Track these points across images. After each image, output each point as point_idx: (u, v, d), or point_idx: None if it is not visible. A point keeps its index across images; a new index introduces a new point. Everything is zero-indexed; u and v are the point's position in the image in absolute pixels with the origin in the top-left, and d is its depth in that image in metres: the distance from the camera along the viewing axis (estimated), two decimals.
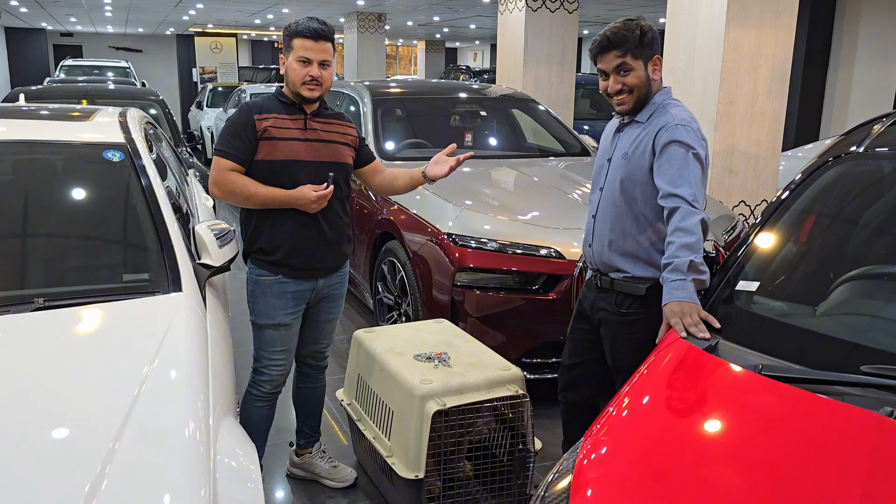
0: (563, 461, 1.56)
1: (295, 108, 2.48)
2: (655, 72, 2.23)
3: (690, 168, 2.11)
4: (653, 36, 2.21)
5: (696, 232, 2.03)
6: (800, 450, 1.40)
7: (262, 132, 2.41)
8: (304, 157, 2.45)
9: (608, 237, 2.31)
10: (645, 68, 2.21)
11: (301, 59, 2.39)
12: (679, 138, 2.14)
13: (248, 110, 2.44)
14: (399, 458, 2.48)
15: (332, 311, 2.71)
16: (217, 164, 2.42)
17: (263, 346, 2.58)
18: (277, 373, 2.60)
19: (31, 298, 2.01)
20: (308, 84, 2.40)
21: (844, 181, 2.13)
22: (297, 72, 2.40)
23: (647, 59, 2.20)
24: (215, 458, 1.57)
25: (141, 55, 23.71)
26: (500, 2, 8.19)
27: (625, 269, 2.29)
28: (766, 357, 1.65)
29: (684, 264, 1.97)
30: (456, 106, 5.40)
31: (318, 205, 2.41)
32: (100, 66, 16.31)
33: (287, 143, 2.43)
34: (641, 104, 2.26)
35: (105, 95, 7.08)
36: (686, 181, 2.09)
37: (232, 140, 2.41)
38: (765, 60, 4.77)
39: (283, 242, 2.47)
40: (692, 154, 2.13)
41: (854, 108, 10.42)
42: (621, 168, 2.28)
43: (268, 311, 2.53)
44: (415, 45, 28.06)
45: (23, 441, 1.50)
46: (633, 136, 2.27)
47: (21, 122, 2.93)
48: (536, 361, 3.49)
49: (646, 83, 2.22)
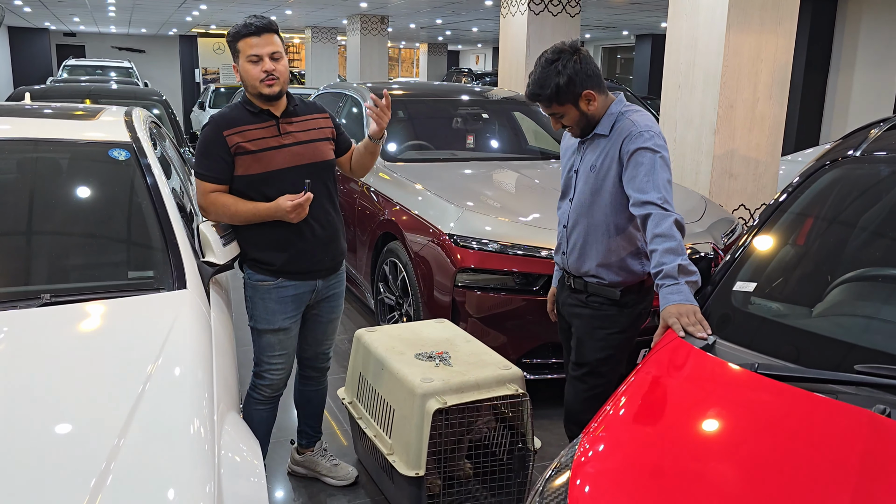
0: (562, 457, 1.59)
1: (264, 114, 2.41)
2: (590, 104, 2.22)
3: (658, 172, 2.13)
4: (571, 77, 2.16)
5: (674, 235, 2.05)
6: (795, 446, 1.43)
7: (235, 148, 2.36)
8: (283, 165, 2.40)
9: (581, 247, 2.35)
10: (576, 107, 2.22)
11: (251, 59, 2.33)
12: (644, 144, 2.16)
13: (216, 126, 2.38)
14: (400, 456, 2.51)
15: (334, 311, 2.71)
16: (198, 187, 2.41)
17: (263, 351, 2.57)
18: (278, 377, 2.60)
19: (38, 294, 2.04)
20: (265, 80, 2.33)
21: (841, 184, 2.16)
22: (251, 72, 2.34)
23: (574, 100, 2.20)
24: (219, 454, 1.60)
25: (143, 55, 23.74)
26: (503, 5, 8.23)
27: (599, 275, 2.33)
28: (762, 356, 1.68)
29: (674, 269, 1.99)
30: (458, 108, 5.43)
31: (297, 214, 2.36)
32: (103, 66, 16.34)
33: (263, 154, 2.38)
34: (590, 126, 2.28)
35: (109, 95, 7.09)
36: (654, 186, 2.11)
37: (206, 161, 2.38)
38: (765, 65, 4.80)
39: (279, 250, 2.45)
40: (658, 157, 2.15)
41: (854, 112, 10.45)
42: (591, 180, 2.30)
43: (267, 316, 2.51)
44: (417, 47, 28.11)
45: (28, 436, 1.52)
46: (598, 148, 2.28)
47: (28, 120, 2.96)
48: (536, 362, 3.51)
49: (582, 118, 2.25)
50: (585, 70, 2.19)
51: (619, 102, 2.29)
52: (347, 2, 13.02)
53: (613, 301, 2.32)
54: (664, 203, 2.09)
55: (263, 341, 2.56)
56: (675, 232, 2.06)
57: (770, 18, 4.72)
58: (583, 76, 2.18)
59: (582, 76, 2.18)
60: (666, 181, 2.14)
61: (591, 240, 2.32)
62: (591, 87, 2.20)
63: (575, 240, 2.37)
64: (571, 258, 2.40)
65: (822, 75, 10.76)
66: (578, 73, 2.18)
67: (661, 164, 2.15)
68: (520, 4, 7.82)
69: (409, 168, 4.49)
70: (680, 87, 5.05)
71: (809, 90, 10.68)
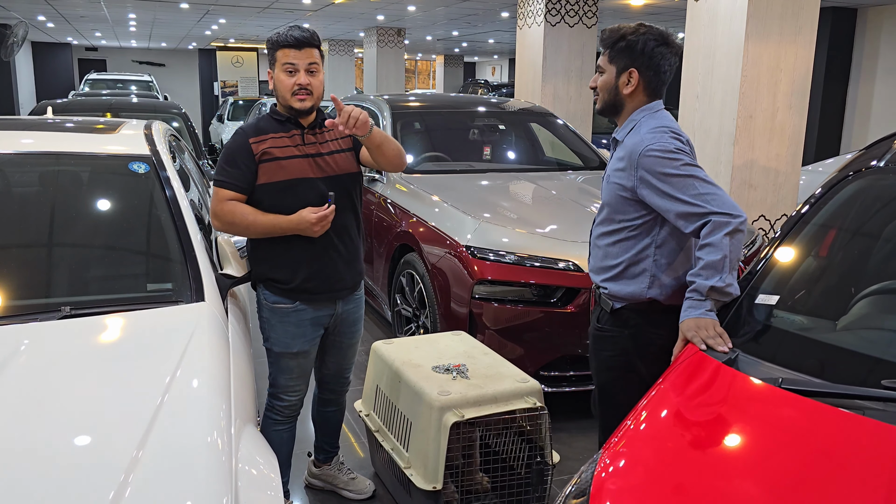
0: (582, 473, 1.57)
1: (290, 123, 2.37)
2: (627, 86, 2.10)
3: (689, 182, 1.97)
4: (630, 46, 2.06)
5: (721, 247, 1.90)
6: (820, 464, 1.39)
7: (261, 155, 2.31)
8: (307, 175, 2.35)
9: (595, 254, 2.25)
10: (616, 76, 2.11)
11: (287, 69, 2.29)
12: (660, 169, 1.99)
13: (244, 134, 2.35)
14: (417, 469, 2.49)
15: (354, 336, 2.66)
16: (215, 194, 2.33)
17: (280, 374, 2.52)
18: (295, 398, 2.57)
19: (59, 307, 2.05)
20: (298, 94, 2.29)
21: (865, 195, 2.13)
22: (285, 82, 2.29)
23: (619, 67, 2.10)
24: (237, 467, 1.59)
25: (163, 69, 24.02)
26: (520, 17, 8.24)
27: (605, 286, 2.19)
28: (785, 371, 1.65)
29: (705, 287, 1.91)
30: (475, 119, 5.43)
31: (321, 227, 2.29)
32: (123, 79, 16.54)
33: (289, 161, 2.33)
34: (613, 110, 2.17)
35: (129, 108, 7.18)
36: (694, 196, 1.96)
37: (228, 168, 2.32)
38: (784, 75, 4.76)
39: (299, 268, 2.38)
40: (681, 166, 1.99)
41: (875, 122, 10.34)
42: (606, 189, 2.19)
43: (285, 339, 2.46)
44: (433, 59, 28.23)
45: (48, 449, 1.52)
46: (616, 157, 2.17)
47: (49, 134, 3.00)
48: (554, 374, 3.49)
49: (611, 90, 2.13)
50: (652, 56, 2.07)
51: (646, 109, 2.13)
52: (364, 14, 13.11)
53: (613, 318, 2.17)
54: (717, 207, 1.94)
55: (281, 364, 2.51)
56: (724, 244, 1.90)
57: (789, 28, 4.69)
58: (641, 57, 2.07)
59: (642, 57, 2.07)
60: (702, 182, 1.98)
61: (604, 247, 2.21)
62: (642, 70, 2.09)
63: (594, 246, 2.28)
64: (590, 265, 2.30)
65: (842, 85, 10.67)
66: (642, 51, 2.07)
67: (685, 170, 1.99)
68: (536, 16, 7.83)
69: (425, 179, 4.50)
70: (698, 97, 5.02)
71: (829, 100, 10.59)
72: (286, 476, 2.62)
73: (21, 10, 13.24)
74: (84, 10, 13.25)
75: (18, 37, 14.17)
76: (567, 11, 7.74)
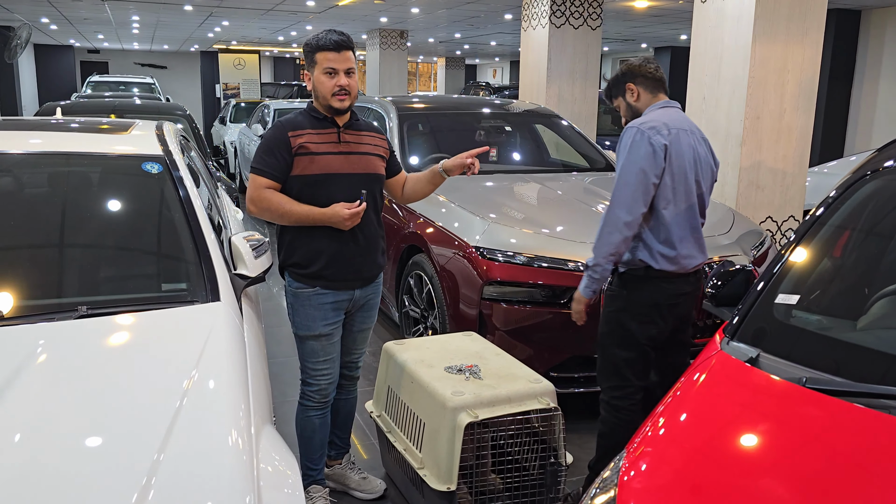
0: (607, 473, 1.56)
1: (327, 121, 2.52)
2: (632, 96, 2.68)
3: (618, 188, 2.50)
4: (616, 78, 2.71)
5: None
6: (848, 463, 1.39)
7: (298, 148, 2.45)
8: (339, 170, 2.49)
9: None
10: (624, 98, 2.70)
11: (327, 71, 2.43)
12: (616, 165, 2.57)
13: (283, 128, 2.48)
14: (430, 469, 2.48)
15: (367, 321, 2.74)
16: (253, 181, 2.47)
17: (307, 357, 2.62)
18: (325, 382, 2.63)
19: (75, 306, 2.05)
20: (338, 94, 2.44)
21: (881, 196, 2.12)
22: (325, 84, 2.44)
23: (621, 94, 2.70)
24: (258, 467, 1.59)
25: (165, 71, 24.07)
26: (524, 18, 8.25)
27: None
28: (807, 370, 1.65)
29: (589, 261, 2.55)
30: (480, 121, 5.43)
31: (352, 222, 2.44)
32: (125, 81, 16.56)
33: (322, 157, 2.47)
34: (638, 115, 2.69)
35: (133, 110, 7.16)
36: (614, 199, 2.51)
37: (267, 158, 2.45)
38: (792, 76, 4.76)
39: (319, 256, 2.50)
40: (622, 170, 2.52)
41: (878, 124, 10.34)
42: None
43: (307, 322, 2.56)
44: (435, 61, 28.25)
45: (69, 451, 1.51)
46: None
47: (62, 134, 2.99)
48: (564, 376, 3.48)
49: (629, 108, 2.70)
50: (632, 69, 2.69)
51: (652, 108, 2.65)
52: (368, 16, 13.13)
53: (619, 277, 2.65)
54: (613, 213, 2.51)
55: (307, 347, 2.61)
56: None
57: (796, 29, 4.69)
58: (621, 75, 2.72)
59: (621, 75, 2.72)
60: (623, 193, 2.49)
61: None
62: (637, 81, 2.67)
63: None
64: None
65: (846, 86, 10.67)
66: (619, 74, 2.72)
67: (622, 176, 2.51)
68: (541, 18, 7.84)
69: None
70: (705, 98, 5.02)
71: (833, 101, 10.59)
72: (320, 464, 2.71)
73: (24, 12, 13.26)
74: (87, 13, 13.27)
75: (22, 39, 14.18)
76: (572, 13, 7.75)
